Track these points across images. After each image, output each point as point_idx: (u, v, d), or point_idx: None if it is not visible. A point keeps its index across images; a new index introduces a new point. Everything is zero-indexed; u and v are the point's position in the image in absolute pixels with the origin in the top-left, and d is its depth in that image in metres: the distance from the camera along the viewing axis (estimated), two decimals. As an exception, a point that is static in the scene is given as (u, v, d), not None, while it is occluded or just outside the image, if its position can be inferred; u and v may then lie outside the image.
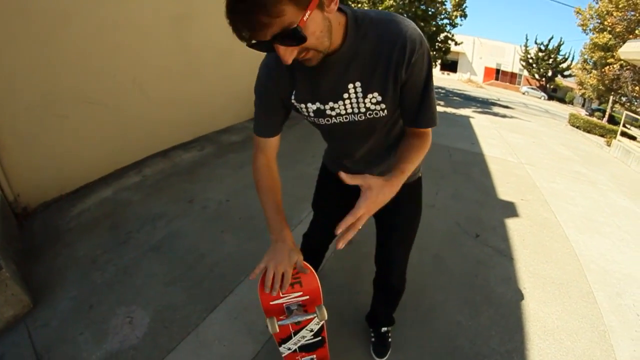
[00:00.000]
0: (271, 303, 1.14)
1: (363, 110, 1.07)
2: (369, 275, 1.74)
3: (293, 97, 1.09)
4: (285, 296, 1.13)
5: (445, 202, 3.97)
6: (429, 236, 3.15)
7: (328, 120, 1.12)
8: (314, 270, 1.12)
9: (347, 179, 0.88)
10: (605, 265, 3.08)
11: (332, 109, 1.08)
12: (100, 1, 3.36)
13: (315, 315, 1.15)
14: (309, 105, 1.09)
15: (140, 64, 3.94)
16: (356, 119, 1.10)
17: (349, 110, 1.07)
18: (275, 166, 1.23)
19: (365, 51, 0.97)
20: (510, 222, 3.65)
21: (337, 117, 1.10)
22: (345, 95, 1.04)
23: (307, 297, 1.15)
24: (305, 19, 0.75)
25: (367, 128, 1.14)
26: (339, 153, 1.41)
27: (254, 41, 0.78)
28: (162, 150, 4.50)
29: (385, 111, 1.07)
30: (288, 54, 0.82)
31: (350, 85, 1.02)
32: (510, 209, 4.01)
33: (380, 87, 1.02)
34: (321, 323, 1.27)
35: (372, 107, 1.06)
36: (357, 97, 1.04)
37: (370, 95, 1.03)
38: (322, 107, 1.08)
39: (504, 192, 4.54)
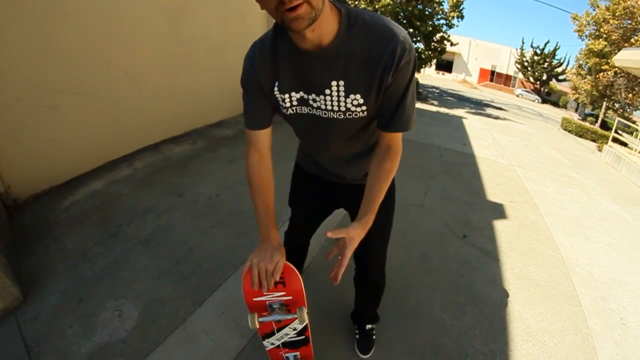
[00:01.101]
0: (254, 299, 1.16)
1: (343, 109, 1.07)
2: (353, 273, 1.76)
3: (276, 88, 1.08)
4: (269, 294, 1.15)
5: (434, 202, 4.01)
6: (417, 236, 3.19)
7: (310, 110, 1.11)
8: (298, 272, 1.14)
9: (332, 235, 0.99)
10: (591, 269, 3.13)
11: (315, 100, 1.07)
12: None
13: (295, 316, 1.16)
14: (293, 94, 1.09)
15: (133, 56, 3.92)
16: (335, 117, 1.09)
17: (329, 107, 1.07)
18: (269, 162, 1.21)
19: (355, 51, 0.97)
20: (498, 224, 3.69)
21: (318, 110, 1.10)
22: (327, 92, 1.04)
23: (290, 297, 1.17)
24: None
25: (345, 127, 1.14)
26: (315, 150, 1.39)
27: None
28: (154, 144, 4.48)
29: (365, 112, 1.08)
30: None
31: (334, 83, 1.02)
32: (498, 211, 4.05)
33: (363, 90, 1.02)
34: (304, 323, 1.27)
35: (353, 108, 1.06)
36: (338, 96, 1.04)
37: (352, 97, 1.04)
38: (305, 96, 1.08)
39: (493, 193, 4.58)
